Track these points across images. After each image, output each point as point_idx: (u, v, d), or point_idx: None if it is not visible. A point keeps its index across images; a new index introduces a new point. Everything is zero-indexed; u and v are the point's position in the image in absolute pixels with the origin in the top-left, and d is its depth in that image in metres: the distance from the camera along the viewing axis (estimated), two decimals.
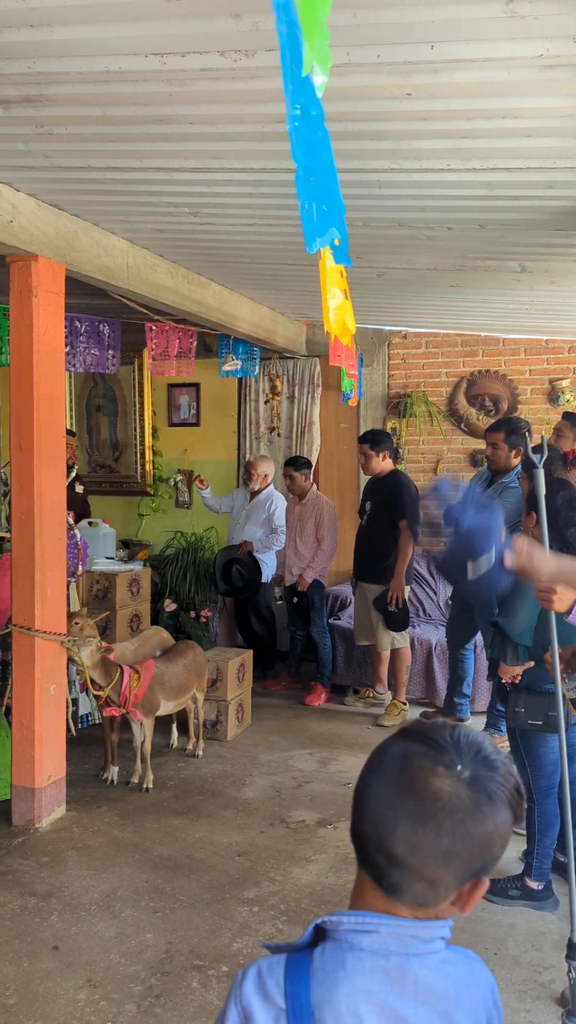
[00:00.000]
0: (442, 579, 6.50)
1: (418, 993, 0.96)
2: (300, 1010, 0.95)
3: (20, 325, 3.88)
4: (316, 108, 1.23)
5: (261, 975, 1.00)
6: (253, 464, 6.50)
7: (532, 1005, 2.79)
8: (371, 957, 0.97)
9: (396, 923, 0.98)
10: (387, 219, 3.73)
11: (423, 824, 0.96)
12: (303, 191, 1.31)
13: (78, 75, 2.45)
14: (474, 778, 0.97)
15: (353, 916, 0.99)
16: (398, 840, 0.96)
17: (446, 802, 0.96)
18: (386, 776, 0.99)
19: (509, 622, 3.21)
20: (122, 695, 4.20)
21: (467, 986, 1.01)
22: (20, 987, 2.83)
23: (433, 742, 0.99)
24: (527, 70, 2.27)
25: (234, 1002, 1.00)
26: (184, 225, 4.04)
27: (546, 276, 4.55)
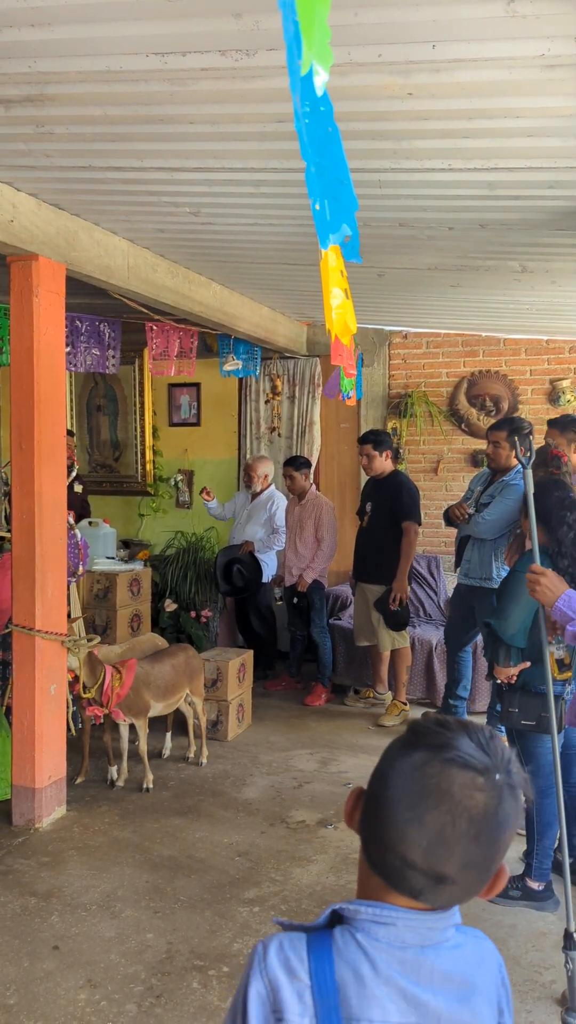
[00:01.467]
0: (442, 580, 6.50)
1: (434, 980, 0.99)
2: (326, 987, 0.97)
3: (21, 325, 3.88)
4: (325, 104, 1.23)
5: (284, 949, 1.01)
6: (252, 466, 6.49)
7: (533, 1006, 2.78)
8: (388, 947, 0.99)
9: (414, 917, 1.00)
10: (388, 219, 3.72)
11: (478, 842, 0.98)
12: (314, 189, 1.31)
13: (79, 74, 2.44)
14: (510, 786, 1.00)
15: (372, 908, 1.01)
16: (453, 862, 0.98)
17: (494, 815, 0.98)
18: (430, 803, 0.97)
19: (501, 624, 3.21)
20: (104, 694, 4.19)
21: (478, 967, 1.03)
22: (20, 987, 2.82)
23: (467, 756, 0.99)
24: (528, 70, 2.27)
25: (259, 973, 1.00)
26: (185, 225, 4.04)
27: (547, 276, 4.55)
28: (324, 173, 1.30)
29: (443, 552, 6.70)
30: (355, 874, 1.07)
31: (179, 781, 4.58)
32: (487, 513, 4.88)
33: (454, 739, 1.00)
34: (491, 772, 0.99)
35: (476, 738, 1.01)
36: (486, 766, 0.99)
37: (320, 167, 1.29)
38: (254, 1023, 0.99)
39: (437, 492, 6.83)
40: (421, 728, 1.04)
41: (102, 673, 4.18)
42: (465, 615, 5.19)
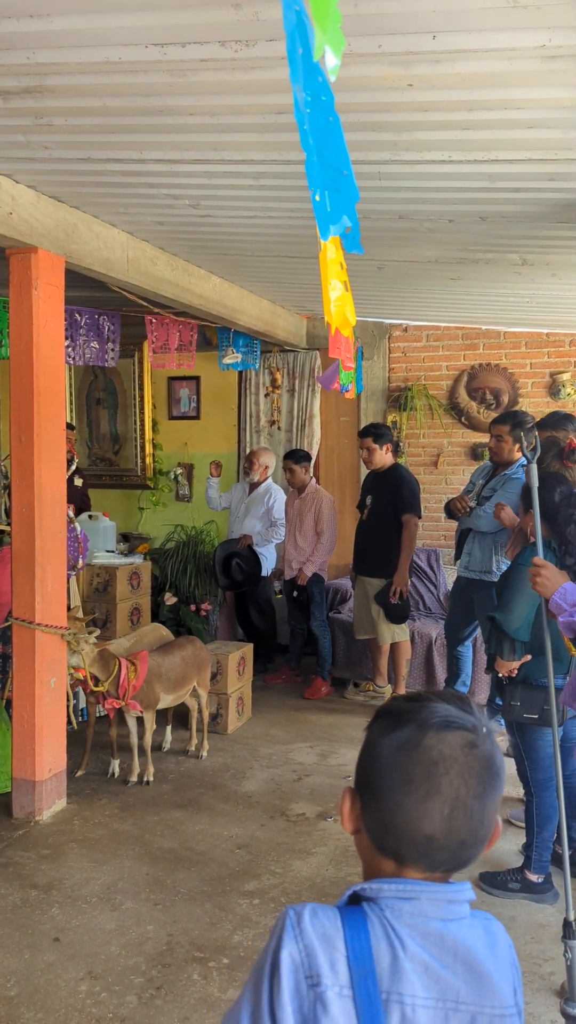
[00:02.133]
0: (442, 573, 6.50)
1: (457, 955, 1.00)
2: (362, 957, 0.96)
3: (20, 318, 3.87)
4: (326, 94, 1.22)
5: (319, 916, 1.00)
6: (255, 454, 6.49)
7: (532, 997, 2.79)
8: (412, 921, 1.00)
9: (434, 889, 1.01)
10: (388, 211, 3.71)
11: (487, 797, 1.01)
12: (315, 179, 1.30)
13: (78, 66, 2.43)
14: (491, 736, 1.04)
15: (394, 884, 1.01)
16: (471, 825, 1.00)
17: (495, 766, 1.02)
18: (440, 772, 0.99)
19: (506, 618, 3.21)
20: (120, 687, 4.20)
21: (493, 947, 1.04)
22: (21, 979, 2.83)
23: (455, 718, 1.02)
24: (529, 60, 2.26)
25: (294, 937, 0.98)
26: (184, 217, 4.03)
27: (547, 269, 4.54)
28: (324, 164, 1.29)
29: (443, 546, 6.71)
30: (355, 866, 1.08)
31: (179, 774, 4.59)
32: (488, 506, 4.87)
33: (435, 707, 1.02)
34: (478, 727, 1.02)
35: (451, 701, 1.04)
36: (473, 723, 1.02)
37: (321, 157, 1.28)
38: (287, 987, 0.96)
39: (437, 485, 6.83)
40: (396, 708, 1.05)
41: (116, 666, 4.19)
42: (465, 608, 5.19)
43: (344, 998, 0.95)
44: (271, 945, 1.00)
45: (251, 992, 1.00)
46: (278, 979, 0.97)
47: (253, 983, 1.00)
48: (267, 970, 0.99)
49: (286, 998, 0.96)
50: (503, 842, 3.87)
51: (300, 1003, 0.96)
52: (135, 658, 4.31)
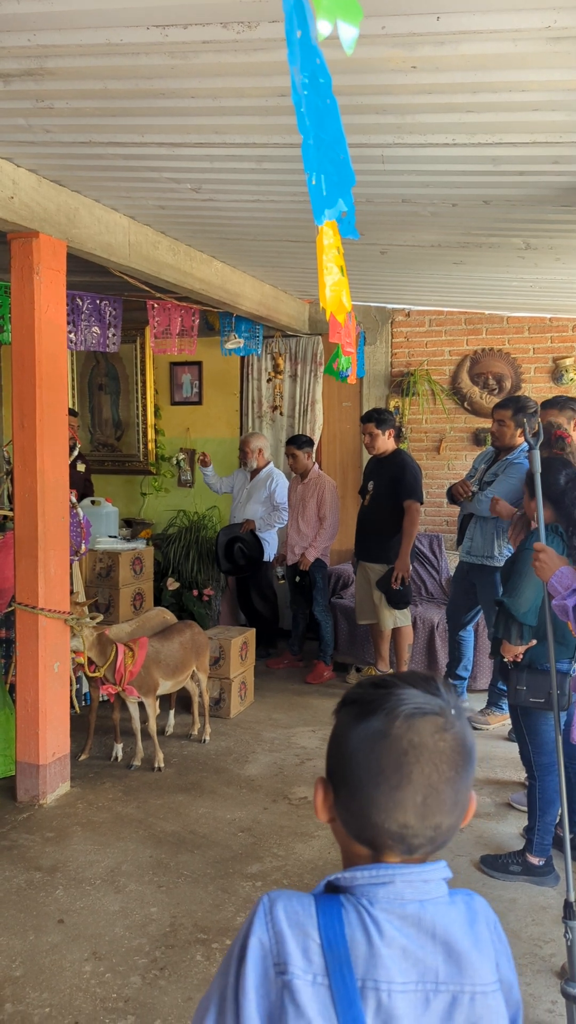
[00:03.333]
0: (444, 558, 6.51)
1: (435, 936, 1.00)
2: (336, 944, 0.96)
3: (21, 303, 3.86)
4: (324, 76, 1.20)
5: (292, 903, 1.00)
6: (246, 442, 6.48)
7: (532, 979, 2.82)
8: (388, 905, 1.00)
9: (408, 871, 1.01)
10: (391, 195, 3.69)
11: (459, 779, 1.01)
12: (311, 163, 1.29)
13: (79, 47, 2.41)
14: (462, 714, 1.03)
15: (367, 871, 1.01)
16: (445, 808, 1.00)
17: (465, 748, 1.02)
18: (411, 760, 0.99)
19: (514, 602, 3.22)
20: (117, 672, 4.21)
21: (472, 923, 1.04)
22: (26, 960, 2.86)
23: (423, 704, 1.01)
24: (534, 42, 2.24)
25: (264, 923, 0.98)
26: (186, 201, 4.01)
27: (551, 253, 4.51)
28: (321, 147, 1.28)
29: (445, 531, 6.71)
30: None
31: (182, 758, 4.62)
32: (490, 491, 4.87)
33: (402, 693, 1.01)
34: (447, 709, 1.01)
35: (418, 684, 1.03)
36: (441, 706, 1.01)
37: (318, 140, 1.27)
38: (252, 972, 0.96)
39: (439, 471, 6.82)
40: (362, 696, 1.04)
41: (113, 652, 4.20)
42: (467, 593, 5.20)
43: (319, 986, 0.95)
44: (241, 931, 1.01)
45: (220, 977, 1.00)
46: (244, 965, 0.97)
47: (223, 969, 1.01)
48: (235, 955, 0.99)
49: (250, 984, 0.96)
50: (505, 825, 3.89)
51: (267, 990, 0.96)
52: (133, 643, 4.32)
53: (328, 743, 1.09)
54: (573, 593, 2.67)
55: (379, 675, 1.09)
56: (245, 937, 0.99)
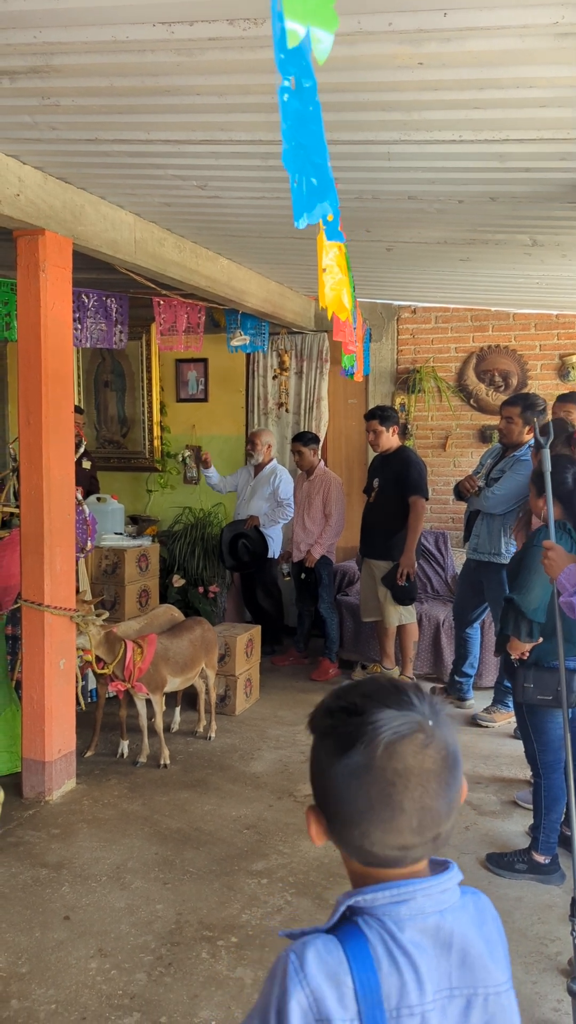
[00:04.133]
0: (450, 555, 6.50)
1: (452, 945, 1.00)
2: (369, 987, 0.96)
3: (27, 300, 3.86)
4: (309, 79, 1.19)
5: (321, 955, 0.98)
6: (256, 436, 6.49)
7: (538, 977, 2.82)
8: (411, 922, 0.99)
9: (427, 885, 1.01)
10: (397, 192, 3.68)
11: (450, 786, 1.00)
12: (292, 167, 1.28)
13: (84, 45, 2.41)
14: (440, 720, 1.01)
15: (387, 889, 1.00)
16: (441, 817, 0.99)
17: (449, 756, 1.00)
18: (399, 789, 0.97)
19: (524, 599, 3.21)
20: (126, 669, 4.22)
21: (482, 924, 1.05)
22: (33, 956, 2.87)
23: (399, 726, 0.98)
24: (541, 38, 2.23)
25: (299, 984, 0.96)
26: (192, 198, 4.00)
27: (557, 250, 4.50)
28: (301, 152, 1.27)
29: (451, 528, 6.70)
30: None
31: (187, 755, 4.62)
32: (497, 488, 4.87)
33: (377, 719, 0.98)
34: (424, 723, 0.99)
35: (389, 700, 1.00)
36: (418, 721, 0.99)
37: (298, 145, 1.25)
38: None
39: (445, 468, 6.81)
40: (337, 728, 1.01)
41: (121, 649, 4.21)
42: (474, 590, 5.20)
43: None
44: (274, 992, 0.98)
45: None
46: None
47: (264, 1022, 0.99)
48: (276, 1016, 0.97)
49: None
50: (510, 823, 3.89)
51: None
52: (142, 640, 4.32)
53: (310, 774, 1.06)
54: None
55: (349, 693, 1.04)
56: (283, 1000, 0.96)
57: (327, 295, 1.67)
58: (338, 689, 1.07)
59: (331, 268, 1.65)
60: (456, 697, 5.47)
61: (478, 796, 4.15)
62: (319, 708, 1.07)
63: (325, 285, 1.66)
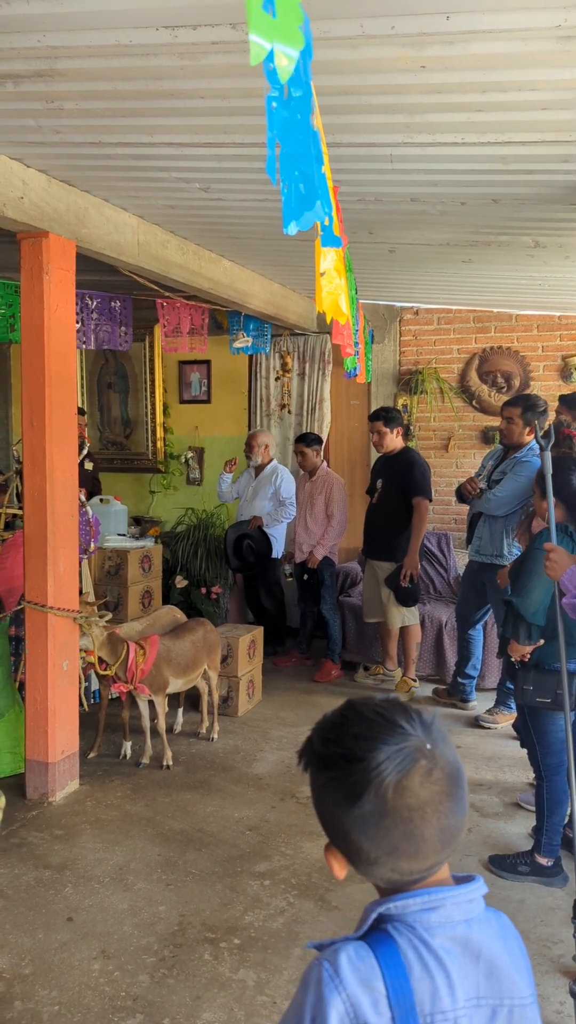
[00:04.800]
0: (452, 557, 6.50)
1: (480, 956, 1.01)
2: (402, 993, 0.96)
3: (31, 302, 3.87)
4: (299, 88, 1.19)
5: (354, 962, 0.98)
6: (254, 437, 6.49)
7: (541, 979, 2.81)
8: (441, 930, 1.00)
9: (456, 893, 1.02)
10: (400, 194, 3.69)
11: (461, 799, 1.01)
12: (282, 173, 1.28)
13: (88, 49, 2.42)
14: (440, 739, 1.01)
15: (418, 896, 1.01)
16: (458, 829, 1.01)
17: (453, 773, 1.01)
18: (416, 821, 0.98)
19: (523, 602, 3.21)
20: (128, 671, 4.22)
21: (506, 938, 1.06)
22: (35, 957, 2.87)
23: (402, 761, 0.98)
24: (544, 41, 2.24)
25: (336, 991, 0.96)
26: (195, 201, 4.01)
27: (560, 251, 4.50)
28: (289, 160, 1.27)
29: (454, 529, 6.70)
30: None
31: (190, 756, 4.63)
32: (499, 489, 4.87)
33: (376, 758, 0.97)
34: (424, 749, 0.99)
35: (382, 735, 0.99)
36: (419, 749, 0.98)
37: (285, 154, 1.25)
38: None
39: (448, 469, 6.81)
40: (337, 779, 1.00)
41: (124, 650, 4.21)
42: (477, 592, 5.20)
43: None
44: (308, 1001, 0.98)
45: None
46: None
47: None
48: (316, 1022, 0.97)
49: None
50: (513, 825, 3.89)
51: None
52: (144, 642, 4.33)
53: (319, 814, 1.06)
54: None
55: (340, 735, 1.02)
56: (318, 1009, 0.96)
57: (325, 299, 1.68)
58: (326, 728, 1.05)
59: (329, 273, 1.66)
60: (459, 698, 5.47)
61: (480, 798, 4.15)
62: (311, 751, 1.05)
63: (323, 289, 1.66)
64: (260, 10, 1.01)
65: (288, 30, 1.05)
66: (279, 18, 1.04)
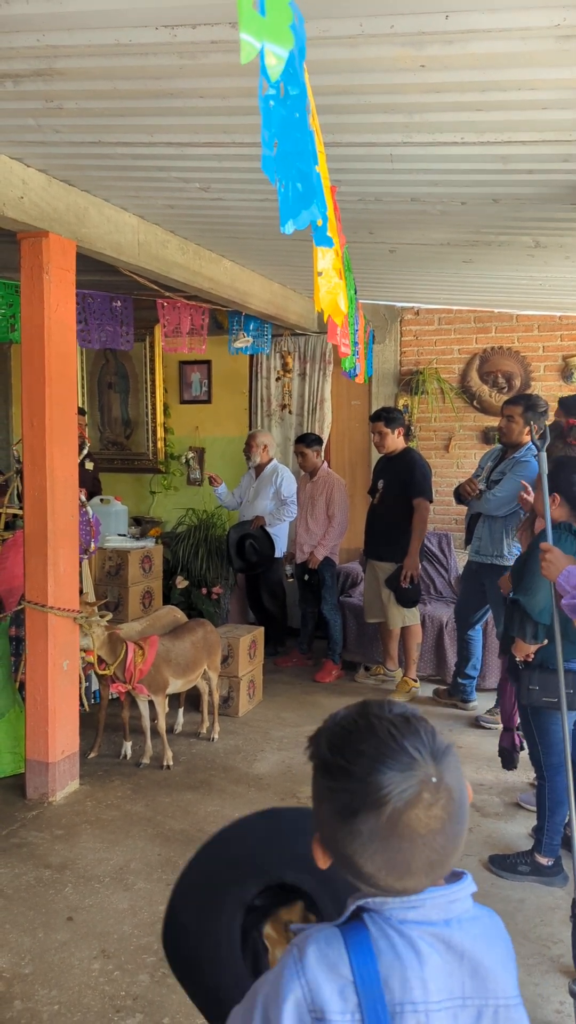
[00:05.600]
0: (453, 557, 6.50)
1: (464, 956, 1.00)
2: (369, 979, 0.96)
3: (31, 302, 3.87)
4: (296, 87, 1.19)
5: (321, 948, 0.98)
6: (252, 436, 6.49)
7: (540, 979, 2.81)
8: (417, 927, 1.00)
9: (437, 895, 1.01)
10: (400, 194, 3.69)
11: (460, 820, 1.00)
12: (279, 171, 1.27)
13: (88, 48, 2.42)
14: (445, 766, 0.98)
15: (398, 897, 1.00)
16: (457, 847, 1.00)
17: (455, 801, 0.99)
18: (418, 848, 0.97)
19: (529, 600, 3.20)
20: (127, 671, 4.22)
21: (493, 939, 1.05)
22: (36, 957, 2.87)
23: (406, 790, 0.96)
24: (543, 40, 2.23)
25: (296, 976, 0.97)
26: (195, 201, 4.01)
27: (561, 251, 4.50)
28: (284, 159, 1.26)
29: (454, 529, 6.70)
30: None
31: (191, 756, 4.63)
32: (497, 490, 4.86)
33: (380, 781, 0.95)
34: (429, 782, 0.96)
35: (390, 760, 0.96)
36: (424, 781, 0.96)
37: (280, 152, 1.24)
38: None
39: (448, 469, 6.81)
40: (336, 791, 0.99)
41: (123, 650, 4.21)
42: (477, 592, 5.19)
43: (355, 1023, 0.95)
44: (272, 982, 0.99)
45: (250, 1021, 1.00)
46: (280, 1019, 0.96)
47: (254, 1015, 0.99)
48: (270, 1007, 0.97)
49: None
50: (513, 825, 3.88)
51: None
52: (144, 642, 4.33)
53: (314, 809, 1.05)
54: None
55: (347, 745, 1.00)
56: (275, 991, 0.97)
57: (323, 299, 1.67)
58: (335, 733, 1.02)
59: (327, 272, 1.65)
60: (459, 699, 5.47)
61: (481, 798, 4.15)
62: (318, 751, 1.04)
63: (321, 289, 1.66)
64: (250, 9, 1.01)
65: (278, 29, 1.05)
66: (269, 17, 1.04)
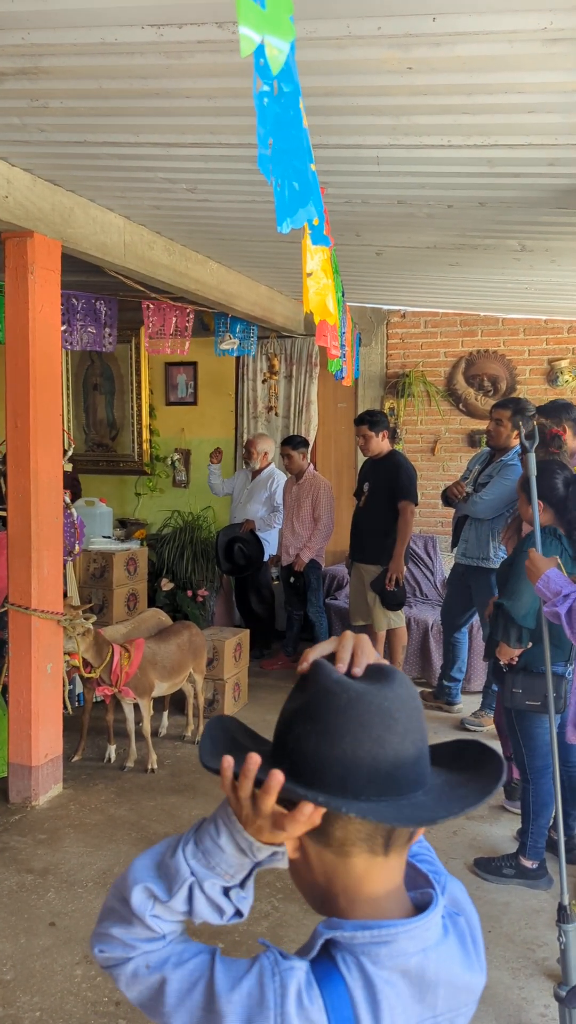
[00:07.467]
0: (439, 560, 6.50)
1: (438, 981, 0.97)
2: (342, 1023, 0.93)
3: (15, 303, 3.85)
4: (290, 84, 1.18)
5: (302, 1000, 0.93)
6: (252, 442, 6.49)
7: (525, 982, 2.81)
8: (391, 963, 0.96)
9: (412, 925, 0.97)
10: (386, 196, 3.69)
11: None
12: (275, 170, 1.27)
13: (73, 46, 2.40)
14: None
15: (368, 930, 0.96)
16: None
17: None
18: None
19: (514, 605, 3.20)
20: (113, 674, 4.20)
21: (464, 948, 1.02)
22: (17, 963, 2.85)
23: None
24: (530, 43, 2.24)
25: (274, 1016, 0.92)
26: (181, 202, 4.00)
27: (546, 255, 4.51)
28: (280, 157, 1.25)
29: (440, 532, 6.71)
30: None
31: (175, 759, 4.60)
32: (485, 493, 4.87)
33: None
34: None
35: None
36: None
37: (275, 150, 1.24)
38: None
39: (434, 472, 6.82)
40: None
41: (109, 653, 4.19)
42: (463, 595, 5.20)
43: None
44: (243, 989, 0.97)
45: None
46: None
47: None
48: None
49: None
50: (498, 828, 3.88)
51: None
52: (129, 645, 4.31)
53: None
54: (564, 599, 2.67)
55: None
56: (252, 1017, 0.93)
57: (312, 299, 1.66)
58: None
59: (316, 273, 1.64)
60: (444, 701, 5.47)
61: None
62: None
63: (310, 290, 1.65)
64: (250, 1, 0.99)
65: (278, 21, 1.04)
66: (269, 8, 1.02)
